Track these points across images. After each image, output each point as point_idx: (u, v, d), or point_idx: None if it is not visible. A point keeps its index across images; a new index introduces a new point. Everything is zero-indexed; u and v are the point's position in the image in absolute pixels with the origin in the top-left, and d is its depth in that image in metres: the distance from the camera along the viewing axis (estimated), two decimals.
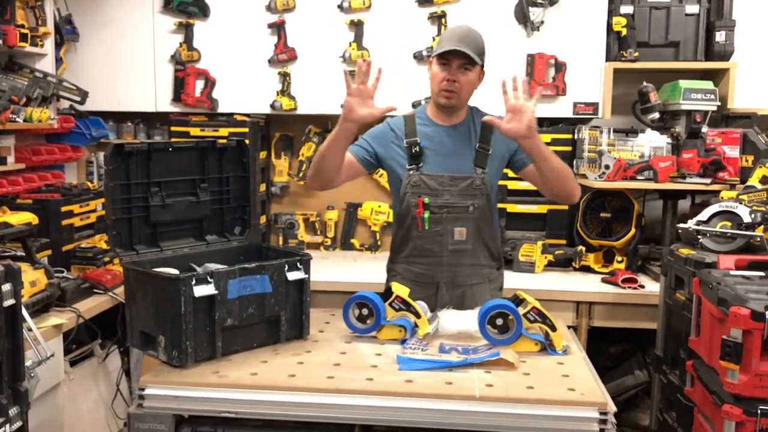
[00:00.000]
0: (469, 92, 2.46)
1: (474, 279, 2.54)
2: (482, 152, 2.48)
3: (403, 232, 2.54)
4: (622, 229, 3.48)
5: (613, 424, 1.76)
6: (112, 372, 3.06)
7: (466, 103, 2.51)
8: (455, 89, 2.41)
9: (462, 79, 2.40)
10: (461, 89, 2.41)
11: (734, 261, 2.37)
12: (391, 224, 2.79)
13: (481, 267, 2.55)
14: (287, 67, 3.73)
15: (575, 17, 3.51)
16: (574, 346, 2.19)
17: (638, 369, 3.47)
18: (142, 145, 2.20)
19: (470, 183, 2.46)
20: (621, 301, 3.16)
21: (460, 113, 2.52)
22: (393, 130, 2.54)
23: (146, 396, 1.86)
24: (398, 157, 2.51)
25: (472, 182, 2.46)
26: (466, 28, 2.45)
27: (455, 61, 2.38)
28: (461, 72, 2.40)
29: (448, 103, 2.45)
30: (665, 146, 3.43)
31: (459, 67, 2.39)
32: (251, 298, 2.05)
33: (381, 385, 1.84)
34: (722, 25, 3.37)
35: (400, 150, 2.51)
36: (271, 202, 4.14)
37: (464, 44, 2.36)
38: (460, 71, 2.39)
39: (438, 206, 2.45)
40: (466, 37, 2.39)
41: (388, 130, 2.56)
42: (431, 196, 2.44)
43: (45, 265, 2.63)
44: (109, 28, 3.78)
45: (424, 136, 2.49)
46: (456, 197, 2.45)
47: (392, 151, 2.52)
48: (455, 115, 2.51)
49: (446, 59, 2.39)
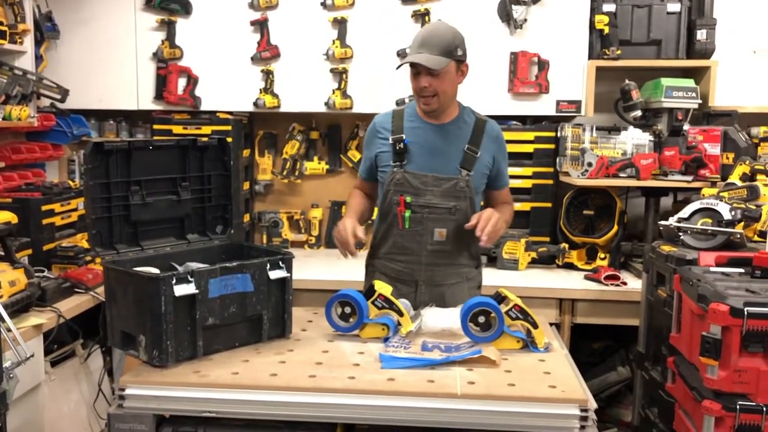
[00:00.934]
0: (448, 92, 2.42)
1: (453, 279, 2.55)
2: (470, 154, 2.47)
3: (384, 229, 2.54)
4: (605, 226, 3.50)
5: (594, 420, 1.77)
6: (94, 372, 3.03)
7: (450, 102, 2.47)
8: (430, 94, 2.39)
9: (434, 84, 2.37)
10: (437, 92, 2.39)
11: (714, 258, 2.39)
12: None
13: (460, 267, 2.55)
14: (270, 64, 3.71)
15: (558, 15, 3.52)
16: (556, 343, 2.20)
17: (621, 365, 3.49)
18: (122, 144, 2.18)
19: (454, 185, 2.45)
20: (604, 297, 3.18)
21: (450, 112, 2.50)
22: (378, 128, 2.54)
23: (126, 396, 1.85)
24: (384, 154, 2.51)
25: (456, 184, 2.45)
26: (429, 29, 2.41)
27: (421, 68, 2.35)
28: (431, 77, 2.36)
29: (429, 108, 2.44)
30: (647, 144, 3.45)
31: (427, 73, 2.36)
32: (233, 297, 2.04)
33: (363, 384, 1.84)
34: (703, 23, 3.40)
35: (385, 147, 2.50)
36: (255, 200, 4.13)
37: (425, 48, 2.33)
38: (430, 77, 2.36)
39: (420, 206, 2.44)
40: (428, 41, 2.35)
41: (374, 129, 2.56)
42: (414, 195, 2.44)
43: (25, 264, 2.61)
44: (90, 25, 3.75)
45: (410, 134, 2.48)
46: (438, 198, 2.45)
47: (379, 148, 2.52)
48: (444, 114, 2.49)
49: (415, 67, 2.37)
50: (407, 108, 2.57)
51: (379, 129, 2.54)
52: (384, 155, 2.50)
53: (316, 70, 3.68)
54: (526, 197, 3.63)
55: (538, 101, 3.57)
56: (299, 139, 3.96)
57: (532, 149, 3.60)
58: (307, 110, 3.77)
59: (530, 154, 3.60)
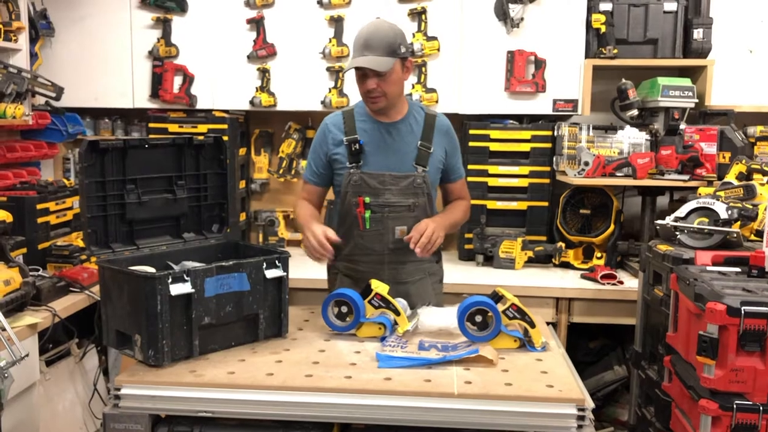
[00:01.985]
0: (395, 90, 2.42)
1: (416, 275, 2.56)
2: (423, 151, 2.48)
3: (344, 231, 2.52)
4: (602, 225, 3.50)
5: (591, 420, 1.77)
6: (90, 371, 3.02)
7: (398, 99, 2.47)
8: (377, 94, 2.39)
9: (381, 85, 2.37)
10: (385, 92, 2.39)
11: (711, 257, 2.39)
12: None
13: (422, 262, 2.56)
14: (266, 63, 3.70)
15: (555, 14, 3.51)
16: (553, 342, 2.20)
17: (617, 364, 3.49)
18: (118, 142, 2.17)
19: (411, 182, 2.46)
20: (600, 297, 3.18)
21: (400, 109, 2.51)
22: (331, 129, 2.53)
23: (122, 396, 1.84)
24: (338, 156, 2.50)
25: (413, 181, 2.46)
26: (370, 30, 2.39)
27: (368, 72, 2.35)
28: (377, 79, 2.36)
29: (377, 108, 2.44)
30: (644, 143, 3.46)
31: (374, 74, 2.36)
32: (229, 297, 2.03)
33: (360, 383, 1.83)
34: (700, 22, 3.40)
35: (339, 148, 2.50)
36: (251, 199, 4.12)
37: (369, 50, 2.33)
38: (376, 78, 2.36)
39: (379, 205, 2.44)
40: (371, 42, 2.34)
41: (325, 131, 2.54)
42: (372, 195, 2.44)
43: (20, 263, 2.60)
44: (85, 23, 3.73)
45: (363, 134, 2.48)
46: (397, 196, 2.45)
47: (332, 150, 2.51)
48: (394, 112, 2.50)
49: (361, 70, 2.37)
50: (356, 108, 2.56)
51: (331, 130, 2.53)
52: (338, 157, 2.50)
53: (312, 68, 3.67)
54: (522, 196, 3.62)
55: (534, 100, 3.56)
56: (295, 137, 3.95)
57: (529, 148, 3.59)
58: (304, 109, 3.76)
59: (527, 153, 3.60)
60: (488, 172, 3.60)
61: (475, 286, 3.07)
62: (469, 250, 3.64)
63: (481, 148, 3.59)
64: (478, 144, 3.59)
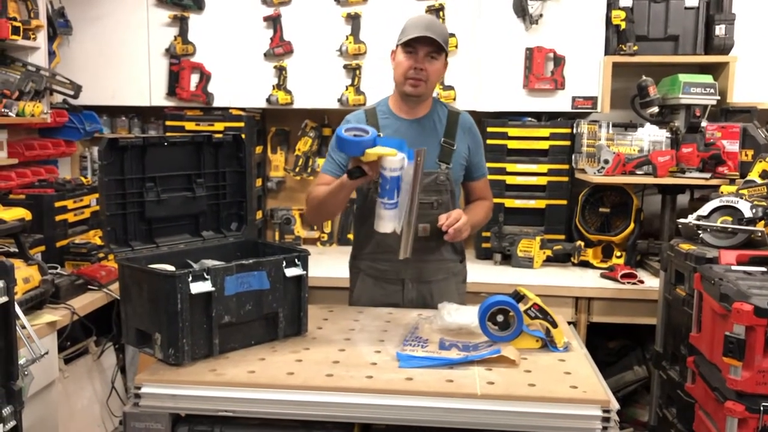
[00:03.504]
0: (435, 81, 2.43)
1: (439, 274, 2.54)
2: (447, 147, 2.46)
3: (366, 229, 2.50)
4: (621, 223, 3.46)
5: (616, 421, 1.75)
6: (107, 369, 3.03)
7: (431, 93, 2.48)
8: (422, 77, 2.37)
9: (429, 68, 2.37)
10: (429, 77, 2.38)
11: (736, 256, 2.35)
12: None
13: (446, 262, 2.54)
14: (283, 60, 3.69)
15: (574, 10, 3.48)
16: (575, 342, 2.17)
17: (637, 365, 3.46)
18: (137, 140, 2.16)
19: (434, 179, 2.44)
20: (620, 296, 3.14)
21: (424, 106, 2.49)
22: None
23: (142, 395, 1.83)
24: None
25: (436, 178, 2.44)
26: (429, 17, 2.44)
27: (422, 50, 2.34)
28: (428, 60, 2.36)
29: (415, 92, 2.40)
30: (664, 141, 3.42)
31: (426, 55, 2.35)
32: (249, 295, 2.02)
33: (381, 383, 1.81)
34: (722, 18, 3.35)
35: None
36: (267, 197, 4.11)
37: (431, 32, 2.33)
38: (427, 59, 2.36)
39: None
40: (431, 25, 2.36)
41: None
42: None
43: (38, 261, 2.60)
44: (102, 21, 3.74)
45: (386, 131, 2.45)
46: (420, 193, 2.41)
47: None
48: (419, 108, 2.48)
49: (413, 47, 2.35)
50: (378, 106, 2.55)
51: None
52: None
53: (329, 66, 3.66)
54: (541, 194, 3.59)
55: (553, 97, 3.53)
56: (312, 135, 3.94)
57: (548, 146, 3.56)
58: (320, 107, 3.74)
59: (545, 151, 3.57)
60: (506, 170, 3.57)
61: (493, 285, 3.05)
62: (486, 248, 3.62)
63: (499, 145, 3.56)
64: (496, 142, 3.56)
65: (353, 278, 2.62)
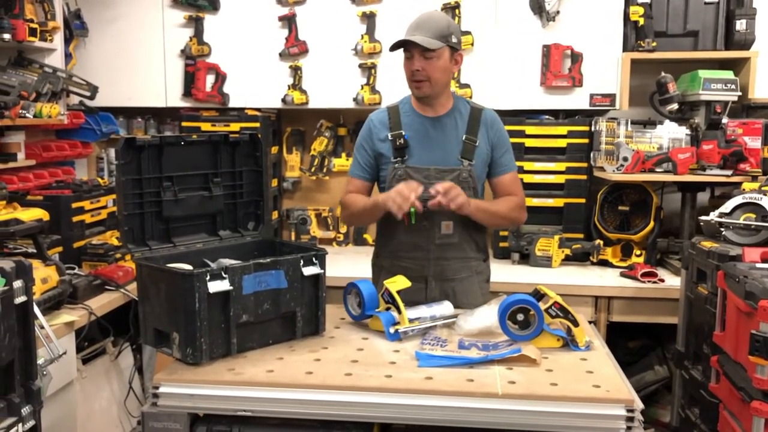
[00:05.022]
0: (441, 78, 2.39)
1: (463, 272, 2.51)
2: (469, 144, 2.44)
3: (388, 227, 2.49)
4: (641, 222, 3.42)
5: (640, 421, 1.72)
6: (125, 370, 3.03)
7: (442, 90, 2.44)
8: (422, 78, 2.36)
9: (427, 68, 2.35)
10: (430, 77, 2.36)
11: (760, 254, 2.31)
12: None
13: (469, 260, 2.51)
14: (298, 60, 3.68)
15: (591, 7, 3.45)
16: (597, 341, 2.14)
17: (658, 364, 3.42)
18: (154, 139, 2.16)
19: (457, 175, 2.42)
20: (640, 295, 3.10)
21: (445, 103, 2.48)
22: (376, 124, 2.51)
23: (160, 394, 1.82)
24: (384, 151, 2.48)
25: (458, 175, 2.42)
26: (426, 14, 2.41)
27: (415, 51, 2.34)
28: (424, 60, 2.34)
29: (420, 93, 2.41)
30: (684, 138, 3.38)
31: (420, 55, 2.34)
32: (266, 294, 2.01)
33: (400, 383, 1.79)
34: (742, 13, 3.30)
35: (384, 144, 2.47)
36: (283, 197, 4.11)
37: (420, 32, 2.32)
38: (423, 60, 2.34)
39: (424, 200, 2.39)
40: (423, 24, 2.35)
41: (371, 127, 2.53)
42: None
43: (56, 261, 2.61)
44: (118, 23, 3.75)
45: (408, 128, 2.46)
46: None
47: (378, 146, 2.49)
48: (439, 106, 2.47)
49: (409, 51, 2.36)
50: (401, 104, 2.54)
51: (376, 125, 2.51)
52: (383, 152, 2.48)
53: (344, 65, 3.65)
54: (559, 193, 3.56)
55: (571, 95, 3.50)
56: (327, 135, 3.93)
57: (565, 144, 3.52)
58: (336, 106, 3.73)
59: (563, 149, 3.53)
60: (524, 168, 3.54)
61: (512, 285, 3.02)
62: (504, 248, 3.59)
63: (517, 144, 3.50)
64: (514, 140, 3.45)
65: (375, 276, 2.60)
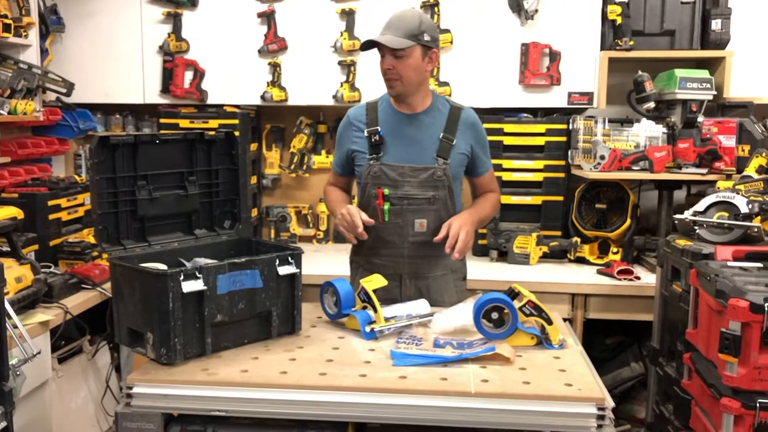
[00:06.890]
0: (413, 77, 2.38)
1: (437, 270, 2.52)
2: (446, 143, 2.45)
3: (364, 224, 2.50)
4: (618, 219, 3.45)
5: (611, 419, 1.73)
6: (102, 368, 3.01)
7: (416, 88, 2.43)
8: (394, 76, 2.37)
9: (398, 66, 2.35)
10: (401, 76, 2.36)
11: (732, 252, 2.34)
12: None
13: (444, 258, 2.50)
14: (277, 57, 3.67)
15: (570, 5, 3.46)
16: (571, 339, 2.16)
17: (634, 361, 3.45)
18: (128, 138, 2.14)
19: (431, 174, 2.42)
20: (617, 292, 3.13)
21: (422, 101, 2.48)
22: (353, 121, 2.52)
23: (134, 395, 1.81)
24: (359, 147, 2.49)
25: (433, 173, 2.42)
26: (398, 14, 2.41)
27: (386, 50, 2.36)
28: (395, 59, 2.35)
29: (393, 92, 2.43)
30: (661, 136, 3.41)
31: (390, 55, 2.35)
32: (241, 294, 2.00)
33: (374, 382, 1.80)
34: (718, 13, 3.33)
35: (360, 140, 2.48)
36: (263, 194, 4.10)
37: (390, 31, 2.33)
38: (394, 59, 2.35)
39: (398, 197, 2.41)
40: (392, 24, 2.36)
41: (348, 123, 2.54)
42: (391, 187, 2.41)
43: (31, 260, 2.59)
44: (95, 18, 3.72)
45: (385, 125, 2.46)
46: (417, 188, 2.42)
47: (354, 142, 2.50)
48: (416, 103, 2.47)
49: (381, 50, 2.38)
50: (380, 100, 2.54)
51: (353, 122, 2.52)
52: (359, 149, 2.49)
53: (323, 62, 3.64)
54: (537, 191, 3.58)
55: (549, 93, 3.52)
56: (307, 132, 3.92)
57: (544, 142, 3.55)
58: (315, 103, 3.73)
59: (541, 147, 3.55)
60: (502, 166, 3.56)
61: (490, 282, 3.03)
62: (483, 245, 3.61)
63: (495, 142, 3.53)
64: (492, 138, 3.49)
65: (353, 274, 2.61)
